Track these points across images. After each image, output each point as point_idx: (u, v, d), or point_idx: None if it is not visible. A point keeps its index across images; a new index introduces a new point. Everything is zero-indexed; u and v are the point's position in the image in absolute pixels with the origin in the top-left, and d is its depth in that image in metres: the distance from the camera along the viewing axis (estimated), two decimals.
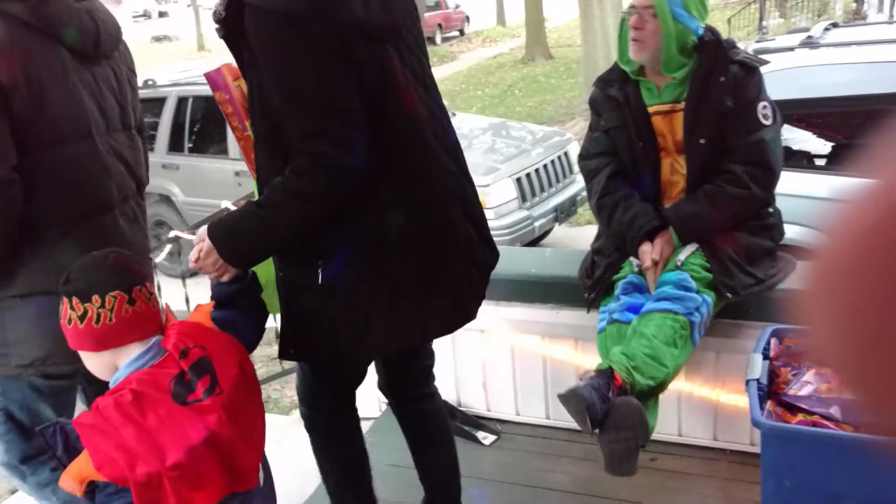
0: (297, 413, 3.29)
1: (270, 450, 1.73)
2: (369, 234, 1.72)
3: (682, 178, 2.38)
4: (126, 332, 1.48)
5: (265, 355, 4.99)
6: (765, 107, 2.29)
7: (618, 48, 2.41)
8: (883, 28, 5.46)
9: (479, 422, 2.92)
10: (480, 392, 2.95)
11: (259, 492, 1.63)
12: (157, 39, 37.37)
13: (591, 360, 2.70)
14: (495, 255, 1.99)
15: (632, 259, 2.39)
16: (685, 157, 2.35)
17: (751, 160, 2.26)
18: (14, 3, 1.71)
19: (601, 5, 11.03)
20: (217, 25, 1.70)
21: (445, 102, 1.94)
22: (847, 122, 3.84)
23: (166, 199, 7.53)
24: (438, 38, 24.11)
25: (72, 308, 1.46)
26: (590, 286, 2.45)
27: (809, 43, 3.96)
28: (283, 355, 1.87)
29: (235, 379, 1.52)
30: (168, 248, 4.39)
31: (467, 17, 26.59)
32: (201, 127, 7.41)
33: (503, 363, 2.86)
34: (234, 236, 1.68)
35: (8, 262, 1.71)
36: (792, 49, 3.96)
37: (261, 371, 4.17)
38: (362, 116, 1.60)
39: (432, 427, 2.20)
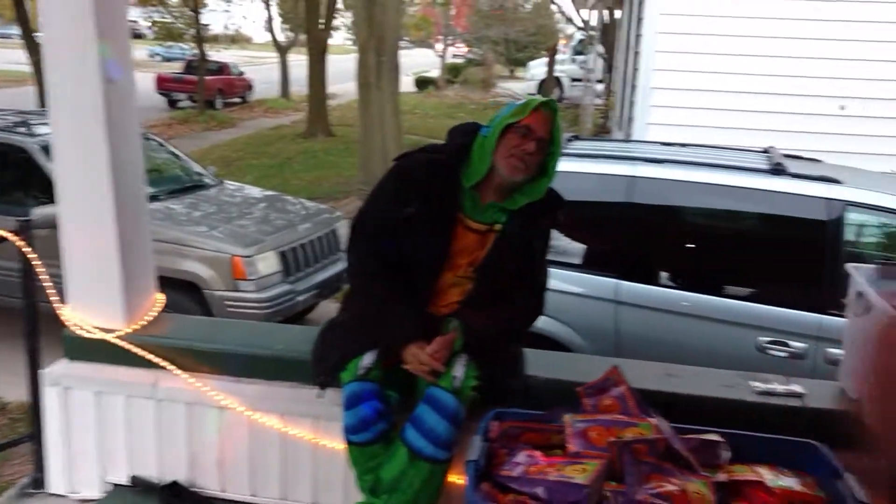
0: None
1: None
2: None
3: (458, 292, 2.42)
4: None
5: None
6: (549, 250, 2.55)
7: (479, 150, 2.39)
8: (618, 144, 6.16)
9: (213, 502, 2.81)
10: (214, 470, 2.83)
11: None
12: None
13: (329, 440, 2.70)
14: None
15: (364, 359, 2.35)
16: (476, 274, 2.41)
17: (536, 295, 2.51)
18: None
19: (379, 91, 11.45)
20: None
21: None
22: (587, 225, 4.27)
23: None
24: (219, 104, 23.66)
25: None
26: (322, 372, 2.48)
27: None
28: None
29: None
30: None
31: (251, 86, 26.41)
32: None
33: (240, 441, 2.79)
34: None
35: None
36: None
37: None
38: None
39: None
